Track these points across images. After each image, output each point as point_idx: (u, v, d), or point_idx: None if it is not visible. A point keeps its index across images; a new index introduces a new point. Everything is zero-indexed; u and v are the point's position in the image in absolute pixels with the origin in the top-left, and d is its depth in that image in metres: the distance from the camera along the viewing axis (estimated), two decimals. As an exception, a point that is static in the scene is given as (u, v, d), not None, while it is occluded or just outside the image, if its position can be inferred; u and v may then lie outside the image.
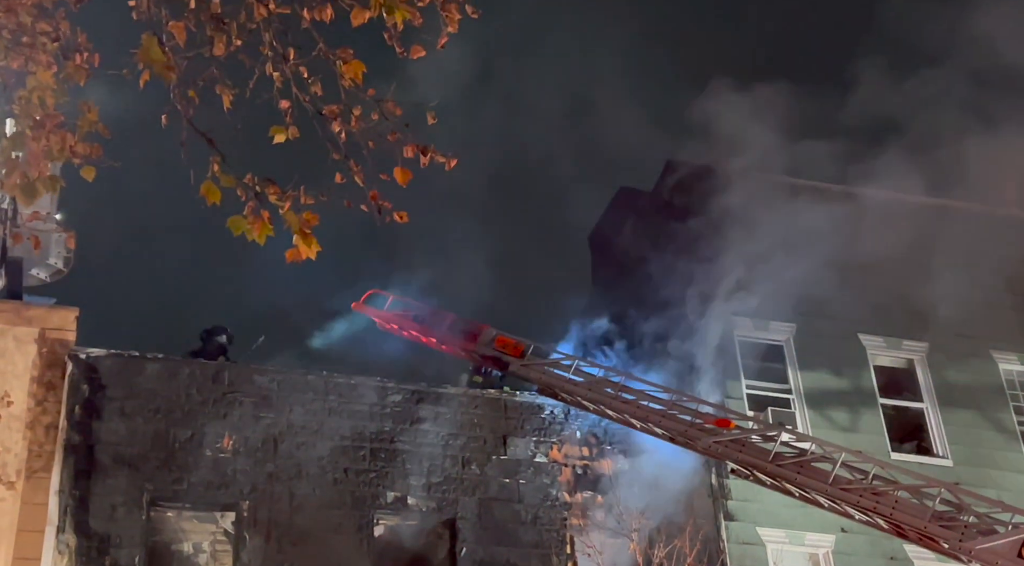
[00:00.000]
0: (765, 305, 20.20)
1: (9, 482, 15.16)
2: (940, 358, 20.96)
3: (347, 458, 17.15)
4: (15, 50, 7.02)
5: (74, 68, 7.08)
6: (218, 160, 6.77)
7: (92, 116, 7.01)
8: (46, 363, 16.26)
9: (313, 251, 6.85)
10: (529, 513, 17.58)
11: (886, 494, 14.37)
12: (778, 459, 14.91)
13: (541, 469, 17.97)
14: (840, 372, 20.34)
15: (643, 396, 16.12)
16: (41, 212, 14.78)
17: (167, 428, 16.50)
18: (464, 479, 17.56)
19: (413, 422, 17.71)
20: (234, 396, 17.03)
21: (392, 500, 17.12)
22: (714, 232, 19.96)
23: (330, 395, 17.53)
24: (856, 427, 19.72)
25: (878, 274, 21.41)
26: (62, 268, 16.61)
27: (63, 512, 15.54)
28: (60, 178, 7.65)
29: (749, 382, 19.93)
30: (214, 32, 6.88)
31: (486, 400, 18.32)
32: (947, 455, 19.93)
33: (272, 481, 16.65)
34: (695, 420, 15.70)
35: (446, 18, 6.98)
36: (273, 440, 16.93)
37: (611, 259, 22.37)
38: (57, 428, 15.94)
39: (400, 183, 7.00)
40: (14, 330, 16.15)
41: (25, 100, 6.98)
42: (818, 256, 20.98)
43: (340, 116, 7.03)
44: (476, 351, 17.05)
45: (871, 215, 21.75)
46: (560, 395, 16.72)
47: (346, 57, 6.92)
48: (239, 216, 6.78)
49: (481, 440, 17.92)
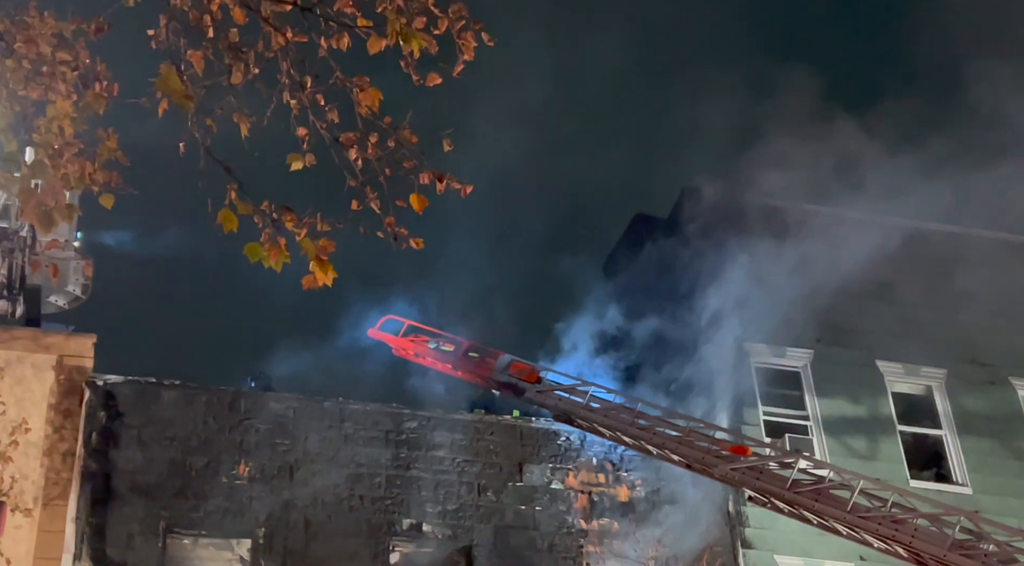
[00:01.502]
0: (782, 331, 20.14)
1: (26, 509, 15.19)
2: (959, 385, 20.82)
3: (362, 485, 17.12)
4: (35, 79, 7.08)
5: (93, 97, 7.14)
6: (235, 187, 6.80)
7: (111, 144, 7.07)
8: (64, 390, 16.33)
9: (330, 278, 6.87)
10: (545, 540, 17.50)
11: (905, 522, 14.26)
12: (796, 487, 14.82)
13: (557, 496, 17.90)
14: (858, 399, 20.22)
15: (659, 422, 16.07)
16: (59, 240, 14.89)
17: (183, 455, 16.52)
18: (480, 506, 17.51)
19: (428, 449, 17.68)
20: (250, 423, 17.05)
21: (408, 527, 17.07)
22: (730, 258, 19.92)
23: (346, 422, 17.53)
24: (874, 455, 19.59)
25: (896, 301, 21.34)
26: (80, 295, 16.71)
27: (80, 540, 15.55)
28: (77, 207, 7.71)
29: (766, 409, 19.84)
30: (232, 61, 6.93)
31: (501, 426, 18.29)
32: (966, 483, 19.77)
33: (288, 508, 16.63)
34: (712, 447, 15.63)
35: (462, 46, 7.01)
36: (289, 467, 16.92)
37: (626, 286, 22.34)
38: (74, 455, 15.98)
39: (416, 210, 7.02)
40: (32, 357, 16.22)
41: (44, 129, 7.04)
42: (835, 283, 20.93)
43: (357, 143, 7.06)
44: (492, 378, 17.03)
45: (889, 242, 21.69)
46: (576, 421, 16.67)
47: (363, 85, 6.96)
48: (256, 243, 6.81)
49: (497, 467, 17.88)
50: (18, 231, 13.74)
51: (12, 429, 15.49)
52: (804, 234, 21.04)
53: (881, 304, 21.28)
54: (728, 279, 19.74)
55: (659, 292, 20.61)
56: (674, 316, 19.96)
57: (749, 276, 19.83)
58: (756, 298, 19.75)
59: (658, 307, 20.45)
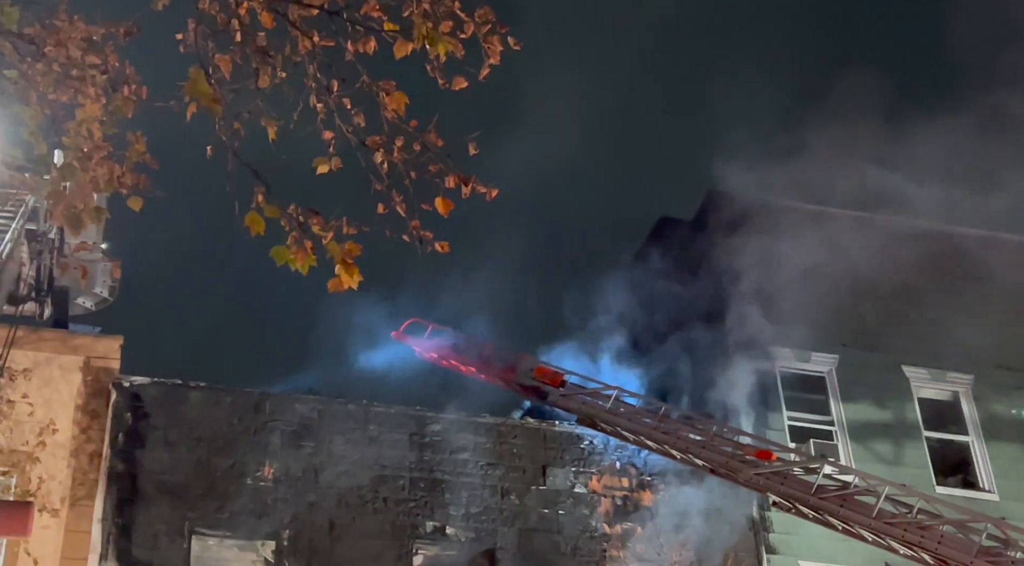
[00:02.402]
0: (807, 336, 20.06)
1: (53, 509, 15.29)
2: (986, 390, 20.68)
3: (387, 487, 17.16)
4: (64, 83, 7.15)
5: (122, 100, 7.19)
6: (262, 191, 6.85)
7: (140, 147, 7.13)
8: (91, 391, 16.44)
9: (355, 281, 6.90)
10: (568, 544, 17.49)
11: (931, 528, 14.18)
12: (820, 492, 14.76)
13: (580, 500, 17.89)
14: (883, 404, 20.11)
15: (683, 427, 16.04)
16: (88, 242, 14.98)
17: (209, 457, 16.60)
18: (503, 509, 17.51)
19: (452, 451, 17.71)
20: (275, 425, 17.12)
21: (431, 530, 17.10)
22: (755, 263, 19.86)
23: (370, 424, 17.58)
24: (900, 460, 19.48)
25: (923, 305, 21.22)
26: (108, 297, 16.80)
27: (106, 540, 15.66)
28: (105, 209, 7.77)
29: (791, 414, 19.76)
30: (259, 65, 6.98)
31: (525, 430, 18.30)
32: (993, 489, 19.63)
33: (312, 510, 16.69)
34: (736, 452, 15.59)
35: (488, 50, 7.03)
36: (314, 469, 16.98)
37: (651, 288, 22.31)
38: (101, 456, 16.09)
39: (442, 213, 7.04)
40: (60, 358, 16.35)
41: (74, 132, 7.10)
42: (862, 287, 20.83)
43: (383, 147, 7.08)
44: (515, 380, 17.04)
45: (916, 246, 21.56)
46: (600, 425, 16.66)
47: (389, 89, 6.99)
48: (282, 246, 6.85)
49: (520, 470, 17.88)
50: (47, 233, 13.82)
51: (40, 430, 15.61)
52: (830, 238, 20.95)
53: (908, 308, 21.16)
54: (753, 283, 19.68)
55: (684, 295, 20.55)
56: (698, 320, 19.90)
57: (774, 280, 19.76)
58: (781, 302, 19.68)
59: (683, 310, 20.40)
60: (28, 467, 15.39)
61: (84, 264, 14.64)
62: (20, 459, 15.43)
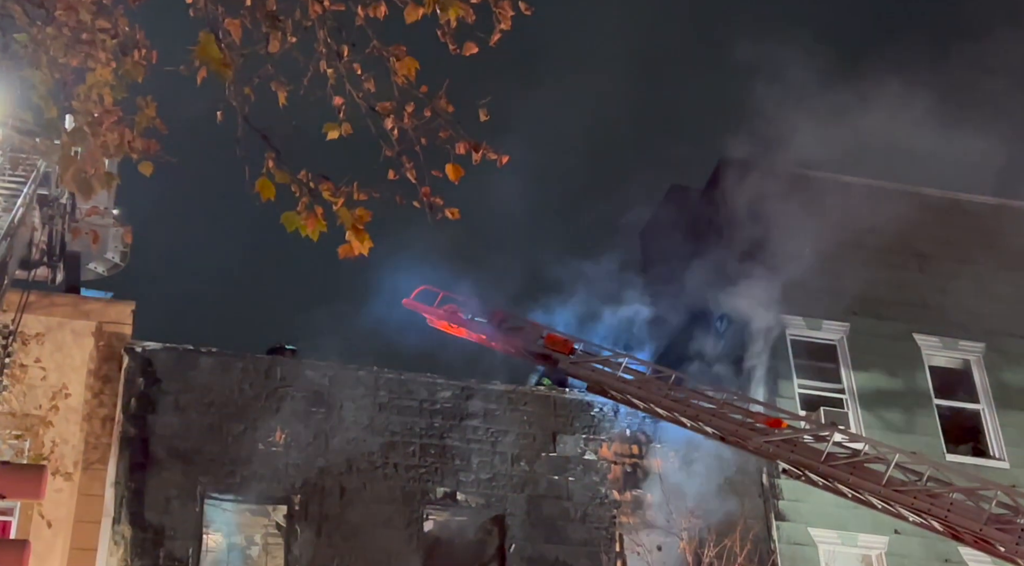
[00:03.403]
0: (818, 304, 20.03)
1: (67, 473, 15.41)
2: (997, 359, 20.66)
3: (397, 453, 17.24)
4: (75, 47, 7.11)
5: (132, 65, 7.16)
6: (273, 156, 6.82)
7: (150, 112, 7.10)
8: (103, 356, 16.52)
9: (366, 247, 6.88)
10: (578, 510, 17.56)
11: (941, 496, 14.19)
12: (830, 459, 14.78)
13: (590, 466, 17.95)
14: (894, 373, 20.11)
15: (693, 394, 16.05)
16: (99, 207, 14.97)
17: (220, 422, 16.69)
18: (513, 476, 17.58)
19: (463, 418, 17.76)
20: (286, 391, 17.19)
21: (441, 496, 17.19)
22: (766, 231, 19.81)
23: (380, 391, 17.63)
24: (911, 428, 19.49)
25: (934, 274, 21.17)
26: (119, 263, 16.81)
27: (119, 504, 15.78)
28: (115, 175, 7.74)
29: (801, 382, 19.77)
30: (269, 29, 6.93)
31: (535, 397, 18.33)
32: (1004, 457, 19.64)
33: (323, 475, 16.78)
34: (746, 419, 15.60)
35: (499, 14, 6.97)
36: (324, 435, 17.06)
37: (662, 256, 22.27)
38: (113, 420, 16.18)
39: (452, 180, 7.01)
40: (72, 323, 16.42)
41: (84, 96, 7.08)
42: (873, 255, 20.78)
43: (393, 113, 7.05)
44: (525, 348, 17.06)
45: (928, 214, 21.49)
46: (609, 393, 16.68)
47: (399, 54, 6.94)
48: (293, 212, 6.83)
49: (531, 437, 17.93)
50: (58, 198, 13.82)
51: (52, 394, 15.70)
52: (842, 206, 20.89)
53: (919, 277, 21.11)
54: (764, 251, 19.64)
55: (695, 264, 20.52)
56: (710, 288, 19.88)
57: (785, 248, 19.71)
58: (792, 270, 19.64)
59: (694, 279, 20.38)
60: (41, 431, 15.50)
61: (95, 229, 14.63)
62: (33, 423, 15.54)
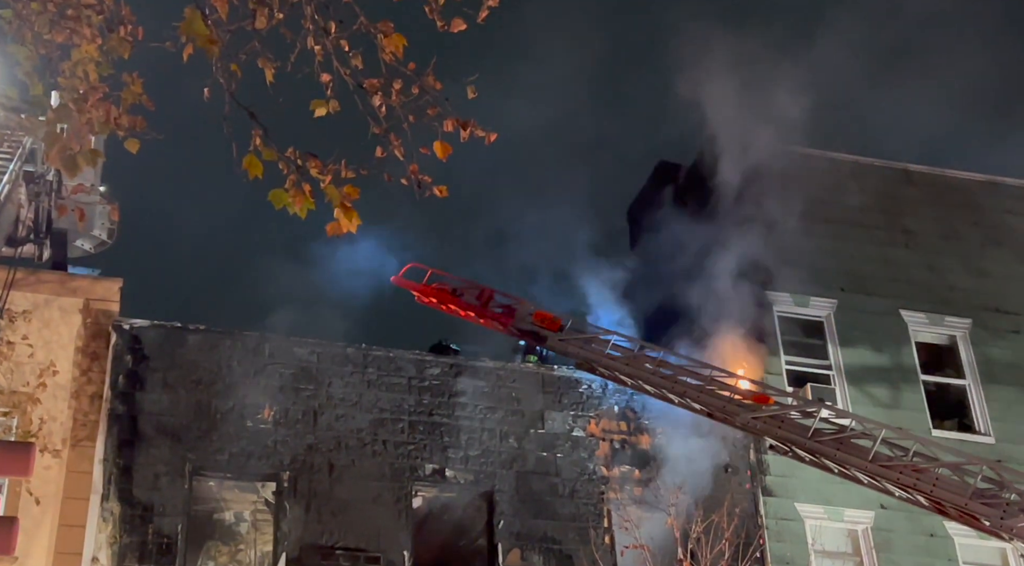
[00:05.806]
0: (805, 281, 20.08)
1: (55, 450, 15.40)
2: (983, 334, 20.76)
3: (386, 430, 17.27)
4: (60, 23, 7.06)
5: (118, 41, 7.11)
6: (260, 133, 6.80)
7: (136, 88, 7.05)
8: (90, 333, 16.48)
9: (354, 224, 6.88)
10: (567, 487, 17.63)
11: (926, 471, 14.29)
12: (817, 435, 14.86)
13: (579, 443, 18.01)
14: (881, 349, 20.19)
15: (681, 371, 16.10)
16: (85, 184, 14.91)
17: (209, 399, 16.69)
18: (502, 452, 17.64)
19: (451, 395, 17.79)
20: (274, 368, 17.18)
21: (430, 472, 17.23)
22: (754, 207, 19.83)
23: (369, 368, 17.64)
24: (897, 404, 19.59)
25: (921, 250, 21.24)
26: (106, 240, 16.76)
27: (107, 480, 15.79)
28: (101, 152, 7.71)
29: (788, 358, 19.84)
30: (256, 5, 6.89)
31: (524, 374, 18.37)
32: (989, 432, 19.76)
33: (312, 452, 16.81)
34: (733, 396, 15.66)
35: (486, -9, 6.94)
36: (313, 412, 17.07)
37: (650, 233, 22.27)
38: (101, 397, 16.17)
39: (440, 157, 7.00)
40: (59, 300, 16.37)
41: (69, 72, 7.03)
42: (860, 232, 20.84)
43: (381, 90, 7.02)
44: (514, 325, 17.06)
45: (915, 191, 21.55)
46: (598, 369, 16.72)
47: (387, 30, 6.91)
48: (280, 189, 6.82)
49: (519, 414, 17.98)
50: (44, 175, 13.75)
51: (40, 371, 15.66)
52: (828, 183, 20.92)
53: (906, 253, 21.18)
54: (752, 228, 19.66)
55: (682, 240, 20.54)
56: (697, 264, 19.90)
57: (773, 225, 19.75)
58: (780, 247, 19.68)
59: (681, 255, 20.40)
60: (29, 408, 15.46)
61: (82, 206, 14.58)
62: (21, 400, 15.50)
